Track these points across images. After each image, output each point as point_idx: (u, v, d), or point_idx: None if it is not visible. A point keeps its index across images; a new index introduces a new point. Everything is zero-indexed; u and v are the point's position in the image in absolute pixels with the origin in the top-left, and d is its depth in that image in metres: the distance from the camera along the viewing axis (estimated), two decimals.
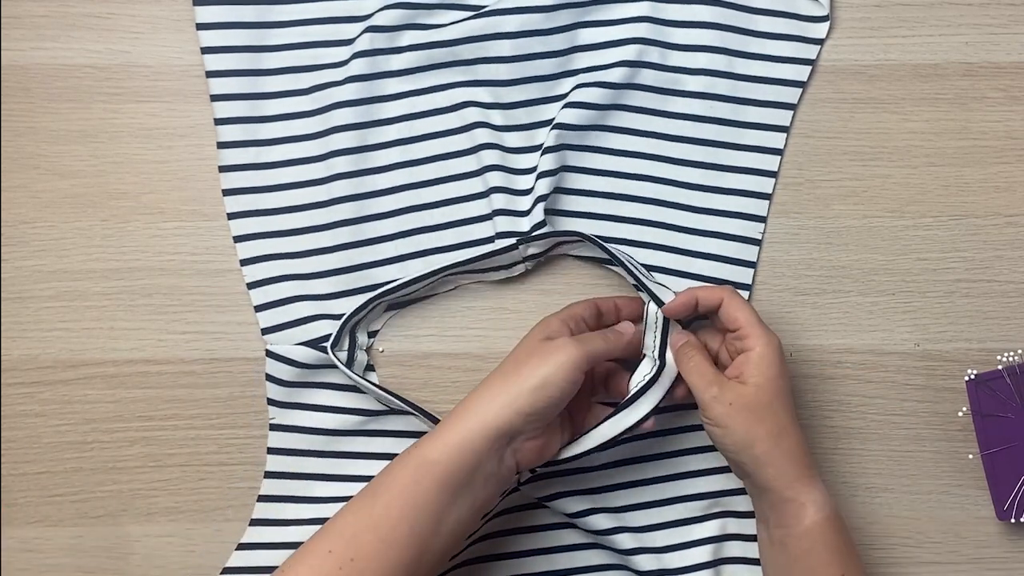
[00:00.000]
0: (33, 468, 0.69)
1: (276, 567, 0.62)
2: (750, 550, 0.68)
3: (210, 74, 0.69)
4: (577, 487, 0.68)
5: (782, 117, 0.70)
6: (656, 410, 0.61)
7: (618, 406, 0.62)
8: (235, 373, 0.69)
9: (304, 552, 0.57)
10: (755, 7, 0.70)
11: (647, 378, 0.62)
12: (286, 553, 0.66)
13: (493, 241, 0.68)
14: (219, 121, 0.69)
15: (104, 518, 0.69)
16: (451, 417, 0.58)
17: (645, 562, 0.67)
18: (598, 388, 0.65)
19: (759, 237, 0.69)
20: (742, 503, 0.68)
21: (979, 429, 0.68)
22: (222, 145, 0.69)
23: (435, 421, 0.65)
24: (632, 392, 0.62)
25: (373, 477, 0.64)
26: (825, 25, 0.70)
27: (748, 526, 0.68)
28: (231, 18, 0.69)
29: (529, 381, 0.58)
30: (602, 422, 0.61)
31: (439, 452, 0.57)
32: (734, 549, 0.68)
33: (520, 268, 0.69)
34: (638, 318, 0.65)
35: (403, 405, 0.66)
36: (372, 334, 0.69)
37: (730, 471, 0.67)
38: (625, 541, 0.67)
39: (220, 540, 0.68)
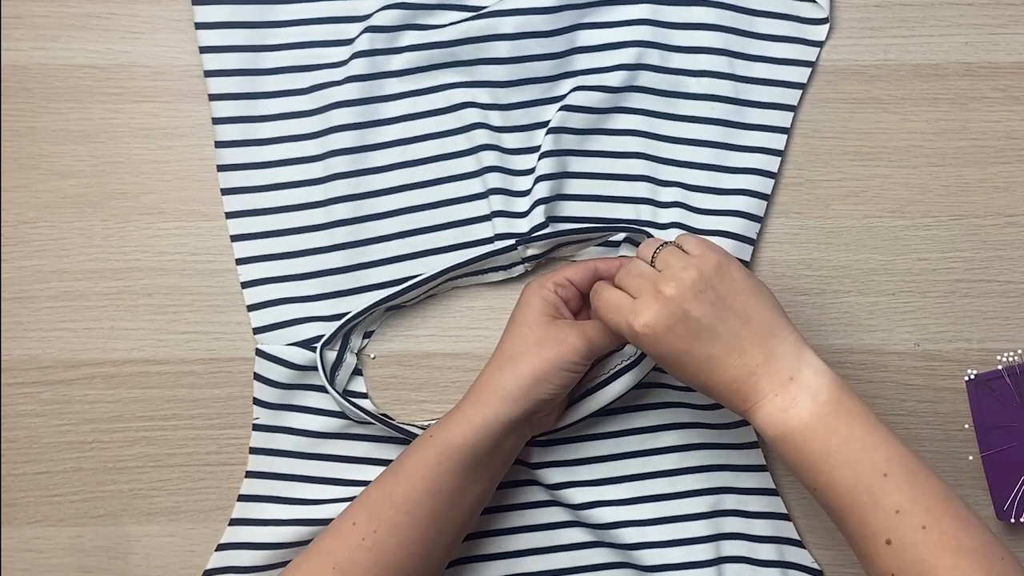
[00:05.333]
0: (33, 468, 0.69)
1: (256, 568, 0.65)
2: (753, 549, 0.68)
3: (208, 73, 0.69)
4: (584, 477, 0.68)
5: (783, 119, 0.70)
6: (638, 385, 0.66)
7: (606, 378, 0.66)
8: (235, 373, 0.69)
9: (332, 526, 0.61)
10: (755, 9, 0.70)
11: (630, 359, 0.66)
12: (267, 554, 0.66)
13: (492, 242, 0.69)
14: (217, 120, 0.69)
15: (104, 518, 0.69)
16: (471, 399, 0.61)
17: (647, 556, 0.67)
18: None
19: (755, 237, 0.69)
20: (746, 502, 0.68)
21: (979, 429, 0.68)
22: (220, 144, 0.69)
23: (403, 433, 0.66)
24: (617, 368, 0.66)
25: (353, 480, 0.68)
26: (825, 27, 0.70)
27: (752, 526, 0.68)
28: (230, 17, 0.69)
29: (545, 371, 0.60)
30: (592, 391, 0.66)
31: (462, 437, 0.60)
32: (737, 548, 0.68)
33: (520, 269, 0.69)
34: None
35: (366, 418, 0.66)
36: (368, 334, 0.69)
37: (733, 470, 0.68)
38: (628, 535, 0.67)
39: (220, 540, 0.67)
